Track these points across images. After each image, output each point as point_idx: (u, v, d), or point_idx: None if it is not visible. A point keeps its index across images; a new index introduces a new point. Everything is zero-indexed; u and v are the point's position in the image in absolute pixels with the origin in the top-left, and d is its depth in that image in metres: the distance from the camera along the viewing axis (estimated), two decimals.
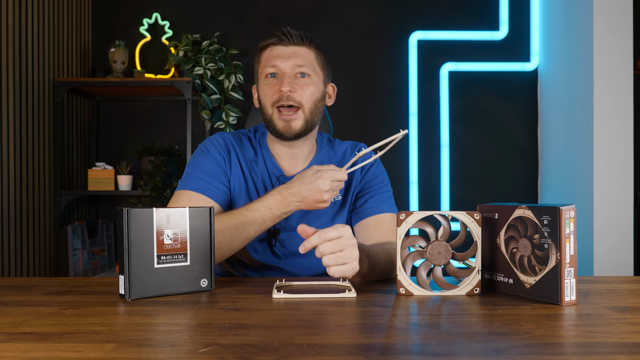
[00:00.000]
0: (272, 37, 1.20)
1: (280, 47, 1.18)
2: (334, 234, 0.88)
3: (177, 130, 2.85)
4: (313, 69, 1.18)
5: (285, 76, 1.16)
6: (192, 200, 1.14)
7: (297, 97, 1.15)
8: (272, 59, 1.17)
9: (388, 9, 2.85)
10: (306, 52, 1.19)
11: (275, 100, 1.15)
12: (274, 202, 1.06)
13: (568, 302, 0.82)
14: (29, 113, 2.34)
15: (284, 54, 1.17)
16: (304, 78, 1.17)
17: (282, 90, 1.14)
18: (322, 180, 1.01)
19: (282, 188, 1.06)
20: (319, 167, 1.04)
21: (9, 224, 2.20)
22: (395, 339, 0.65)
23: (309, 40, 1.20)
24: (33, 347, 0.60)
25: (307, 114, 1.17)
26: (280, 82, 1.15)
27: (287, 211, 1.07)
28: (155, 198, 2.54)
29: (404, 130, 1.01)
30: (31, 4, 2.34)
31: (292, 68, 1.16)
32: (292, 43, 1.18)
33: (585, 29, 2.30)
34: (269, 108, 1.17)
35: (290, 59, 1.16)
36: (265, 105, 1.18)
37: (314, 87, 1.18)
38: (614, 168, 2.23)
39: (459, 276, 0.92)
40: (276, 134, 1.18)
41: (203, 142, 1.24)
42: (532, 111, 2.86)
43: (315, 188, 1.02)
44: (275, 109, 1.16)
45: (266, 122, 1.20)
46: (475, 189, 2.85)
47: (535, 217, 0.84)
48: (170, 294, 0.89)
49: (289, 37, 1.18)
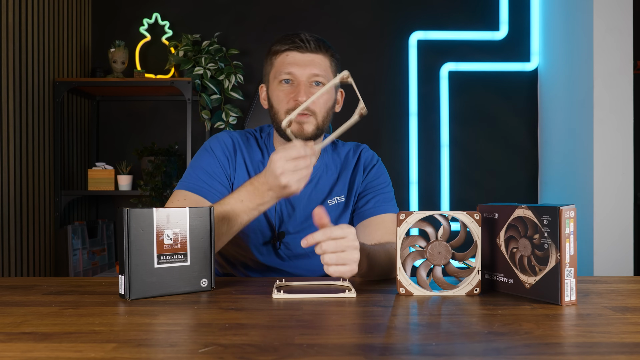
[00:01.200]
0: (289, 42, 1.17)
1: (296, 53, 1.16)
2: (339, 233, 0.88)
3: (177, 130, 2.85)
4: (327, 78, 1.18)
5: (302, 85, 1.15)
6: (187, 200, 1.14)
7: (312, 106, 1.15)
8: (288, 66, 1.16)
9: (388, 9, 2.85)
10: (322, 60, 1.18)
11: (291, 108, 1.14)
12: (245, 193, 1.02)
13: (568, 302, 0.82)
14: (29, 113, 2.33)
15: (301, 61, 1.16)
16: (318, 87, 1.17)
17: (299, 100, 1.13)
18: (273, 163, 0.96)
19: (255, 178, 1.03)
20: (277, 149, 0.98)
21: (9, 224, 2.20)
22: (395, 339, 0.65)
23: (325, 48, 1.19)
24: (33, 347, 0.60)
25: (320, 121, 1.17)
26: (296, 91, 1.14)
27: (262, 202, 1.02)
28: (155, 198, 2.54)
29: (363, 109, 0.99)
30: (31, 4, 2.34)
31: (308, 77, 1.15)
32: (308, 50, 1.16)
33: (585, 29, 2.30)
34: (282, 114, 1.16)
35: (307, 67, 1.15)
36: (279, 111, 1.17)
37: (328, 95, 1.18)
38: (614, 168, 2.23)
39: (459, 276, 0.92)
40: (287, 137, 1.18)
41: (209, 140, 1.23)
42: (532, 111, 2.86)
43: (272, 174, 0.97)
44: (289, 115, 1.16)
45: (277, 126, 1.19)
46: (475, 189, 2.85)
47: (535, 217, 0.84)
48: (170, 294, 0.89)
49: (307, 45, 1.16)
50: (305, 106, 1.03)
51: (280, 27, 2.85)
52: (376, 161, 1.30)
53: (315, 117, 1.16)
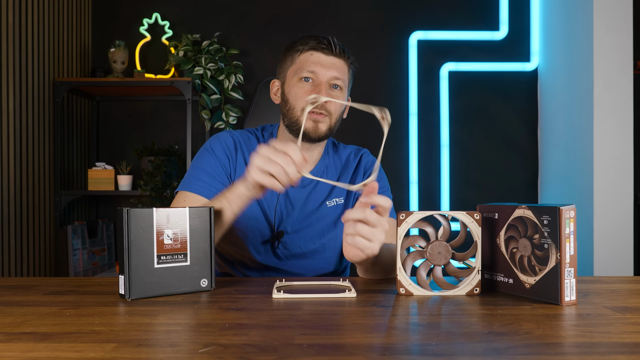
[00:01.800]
0: (314, 42, 1.19)
1: (321, 54, 1.19)
2: (381, 204, 0.88)
3: (177, 130, 2.85)
4: (345, 83, 1.22)
5: (322, 85, 1.17)
6: (188, 201, 1.14)
7: (329, 106, 1.18)
8: (312, 64, 1.18)
9: (388, 9, 2.85)
10: (343, 65, 1.21)
11: None
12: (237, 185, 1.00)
13: (568, 302, 0.82)
14: (29, 113, 2.33)
15: (325, 63, 1.18)
16: (336, 90, 1.20)
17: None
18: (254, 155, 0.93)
19: None
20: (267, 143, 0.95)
21: (9, 224, 2.20)
22: (395, 339, 0.65)
23: (348, 55, 1.22)
24: (33, 347, 0.60)
25: (333, 123, 1.20)
26: (317, 90, 1.16)
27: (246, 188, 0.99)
28: (155, 198, 2.54)
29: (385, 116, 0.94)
30: (31, 4, 2.34)
31: (330, 79, 1.18)
32: (333, 54, 1.19)
33: (585, 29, 2.30)
34: (299, 110, 1.18)
35: (330, 69, 1.18)
36: (295, 107, 1.19)
37: (343, 99, 1.21)
38: (614, 168, 2.23)
39: (459, 276, 0.92)
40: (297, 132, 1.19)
41: (209, 139, 1.24)
42: (532, 111, 2.86)
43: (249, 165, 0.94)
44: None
45: (291, 122, 1.20)
46: (475, 189, 2.85)
47: (535, 217, 0.84)
48: (170, 294, 0.89)
49: (333, 47, 1.19)
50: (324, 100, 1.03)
51: (280, 27, 2.85)
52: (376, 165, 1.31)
53: (330, 118, 1.19)
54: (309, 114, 1.17)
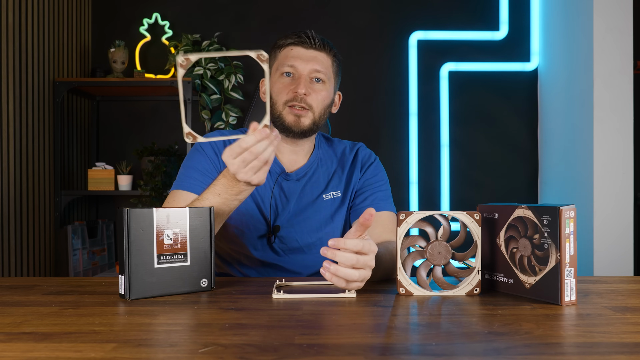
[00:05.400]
0: (294, 37, 1.20)
1: (301, 48, 1.19)
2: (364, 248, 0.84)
3: (177, 130, 2.85)
4: (328, 76, 1.21)
5: (302, 79, 1.17)
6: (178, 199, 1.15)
7: (309, 100, 1.18)
8: (291, 59, 1.19)
9: (388, 9, 2.85)
10: (325, 58, 1.21)
11: (289, 99, 1.17)
12: (221, 186, 0.98)
13: (568, 302, 0.82)
14: (29, 113, 2.33)
15: (304, 56, 1.19)
16: (318, 83, 1.20)
17: (298, 92, 1.16)
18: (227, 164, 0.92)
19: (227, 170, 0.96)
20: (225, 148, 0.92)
21: (9, 224, 2.20)
22: (395, 339, 0.65)
23: (329, 47, 1.22)
24: (33, 347, 0.60)
25: (316, 117, 1.20)
26: (296, 84, 1.17)
27: (237, 192, 0.97)
28: (155, 198, 2.54)
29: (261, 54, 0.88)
30: (31, 4, 2.34)
31: (310, 72, 1.18)
32: (312, 47, 1.19)
33: (585, 29, 2.30)
34: (280, 105, 1.19)
35: (310, 62, 1.18)
36: (277, 102, 1.19)
37: (326, 93, 1.21)
38: (614, 168, 2.23)
39: (459, 276, 0.91)
40: (284, 129, 1.19)
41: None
42: (532, 111, 2.86)
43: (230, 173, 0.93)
44: (287, 106, 1.18)
45: (274, 118, 1.20)
46: (475, 189, 2.85)
47: (535, 217, 0.84)
48: (170, 294, 0.89)
49: (312, 41, 1.19)
50: (195, 59, 0.89)
51: (280, 27, 2.85)
52: (374, 159, 1.31)
53: (312, 111, 1.19)
54: (290, 108, 1.17)
